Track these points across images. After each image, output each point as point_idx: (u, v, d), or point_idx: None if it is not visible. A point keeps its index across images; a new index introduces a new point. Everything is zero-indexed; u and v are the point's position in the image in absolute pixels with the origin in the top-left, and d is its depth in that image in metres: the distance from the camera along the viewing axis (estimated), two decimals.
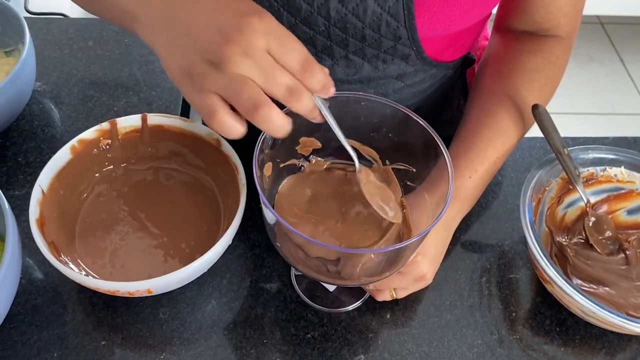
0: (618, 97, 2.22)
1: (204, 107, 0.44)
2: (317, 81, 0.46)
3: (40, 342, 0.59)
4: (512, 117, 0.66)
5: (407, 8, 0.58)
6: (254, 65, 0.43)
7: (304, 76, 0.45)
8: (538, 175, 0.64)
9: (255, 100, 0.43)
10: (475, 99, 0.70)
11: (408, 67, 0.67)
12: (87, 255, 0.62)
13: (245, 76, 0.43)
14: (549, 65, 0.68)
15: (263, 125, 0.44)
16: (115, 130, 0.66)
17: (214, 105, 0.44)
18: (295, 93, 0.45)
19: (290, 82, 0.45)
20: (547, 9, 0.67)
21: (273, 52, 0.44)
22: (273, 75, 0.44)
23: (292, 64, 0.45)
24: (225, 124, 0.44)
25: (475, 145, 0.64)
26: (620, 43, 2.41)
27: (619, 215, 0.69)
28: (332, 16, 0.59)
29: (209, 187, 0.68)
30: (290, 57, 0.45)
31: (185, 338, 0.60)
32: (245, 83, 0.43)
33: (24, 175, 0.72)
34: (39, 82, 0.83)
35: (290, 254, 0.53)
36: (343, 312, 0.63)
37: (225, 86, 0.43)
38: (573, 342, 0.63)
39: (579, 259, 0.65)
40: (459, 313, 0.64)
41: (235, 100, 0.44)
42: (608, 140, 0.81)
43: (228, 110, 0.44)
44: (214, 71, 0.43)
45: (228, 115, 0.44)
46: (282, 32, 0.45)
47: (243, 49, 0.43)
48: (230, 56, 0.43)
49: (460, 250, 0.69)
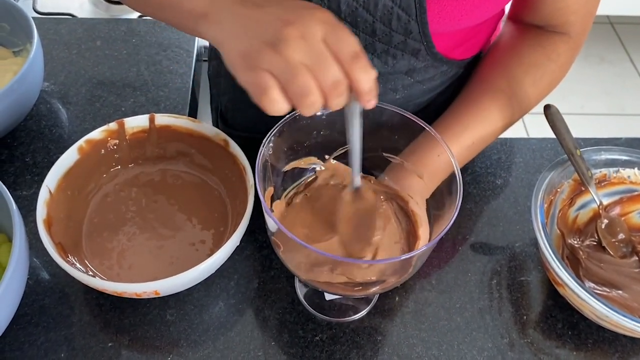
0: (628, 97, 2.20)
1: (257, 85, 0.46)
2: (367, 80, 0.46)
3: (48, 343, 0.59)
4: (497, 107, 0.67)
5: (419, 1, 0.57)
6: (308, 50, 0.45)
7: (352, 67, 0.46)
8: (550, 176, 0.63)
9: (306, 88, 0.44)
10: (469, 85, 0.71)
11: (418, 63, 0.67)
12: (94, 256, 0.62)
13: (300, 62, 0.44)
14: (547, 61, 0.68)
15: (304, 109, 0.46)
16: (122, 131, 0.65)
17: (267, 83, 0.45)
18: (338, 88, 0.46)
19: (338, 76, 0.45)
20: (556, 5, 0.66)
21: (328, 41, 0.45)
22: (325, 64, 0.45)
23: (345, 54, 0.46)
24: (275, 102, 0.46)
25: (451, 129, 0.66)
26: (630, 43, 2.39)
27: (632, 217, 0.68)
28: (342, 10, 0.59)
29: (217, 188, 0.67)
30: (343, 47, 0.46)
31: (193, 340, 0.60)
32: (300, 69, 0.44)
33: (32, 175, 0.72)
34: (46, 82, 0.83)
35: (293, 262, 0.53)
36: (348, 322, 0.62)
37: (280, 68, 0.45)
38: (585, 346, 0.62)
39: (591, 262, 0.64)
40: (469, 316, 0.63)
41: (288, 84, 0.45)
42: (621, 141, 0.80)
43: (279, 91, 0.45)
44: (271, 51, 0.45)
45: (279, 94, 0.45)
46: (340, 24, 0.47)
47: (301, 32, 0.45)
48: (288, 37, 0.44)
49: (471, 252, 0.68)
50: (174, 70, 0.85)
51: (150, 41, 0.89)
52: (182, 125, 0.66)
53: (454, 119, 0.67)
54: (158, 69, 0.85)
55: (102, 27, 0.91)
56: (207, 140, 0.66)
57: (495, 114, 0.67)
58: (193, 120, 0.66)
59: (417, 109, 0.74)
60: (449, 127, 0.66)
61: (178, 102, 0.81)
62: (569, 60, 0.70)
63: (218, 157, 0.66)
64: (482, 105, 0.67)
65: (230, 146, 0.64)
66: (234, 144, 0.64)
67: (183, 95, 0.82)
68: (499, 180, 0.75)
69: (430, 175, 0.60)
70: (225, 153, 0.65)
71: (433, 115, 0.68)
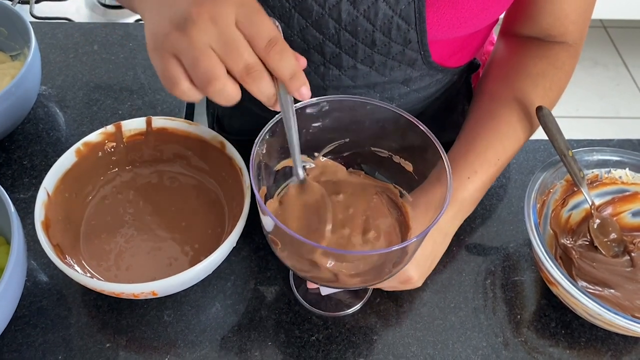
0: (622, 101, 2.21)
1: (167, 76, 0.44)
2: (286, 66, 0.43)
3: (45, 345, 0.59)
4: (515, 120, 0.66)
5: (419, 11, 0.58)
6: (217, 33, 0.42)
7: (268, 55, 0.43)
8: (542, 177, 0.64)
9: (211, 73, 0.42)
10: (478, 102, 0.70)
11: (414, 72, 0.67)
12: (92, 257, 0.62)
13: (205, 45, 0.42)
14: (554, 70, 0.68)
15: (214, 98, 0.43)
16: (120, 133, 0.66)
17: (175, 75, 0.43)
18: (253, 73, 0.43)
19: (251, 60, 0.43)
20: (555, 16, 0.66)
21: (241, 25, 0.43)
22: (235, 48, 0.42)
23: (258, 41, 0.43)
24: (186, 93, 0.44)
25: (474, 148, 0.64)
26: (623, 47, 2.41)
27: (623, 218, 0.69)
28: (343, 18, 0.59)
29: (214, 189, 0.68)
30: (257, 32, 0.43)
31: (190, 340, 0.60)
32: (203, 53, 0.42)
33: (29, 178, 0.73)
34: (44, 85, 0.83)
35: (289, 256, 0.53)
36: (342, 316, 0.63)
37: (184, 50, 0.42)
38: (579, 344, 0.62)
39: (584, 261, 0.65)
40: (463, 315, 0.63)
41: (192, 69, 0.43)
42: (612, 143, 0.81)
43: (188, 80, 0.44)
44: (177, 32, 0.43)
45: (189, 86, 0.44)
46: (256, 6, 0.44)
47: (211, 15, 0.42)
48: (196, 19, 0.42)
49: (465, 252, 0.69)
50: None
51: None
52: (178, 128, 0.67)
53: (476, 136, 0.65)
54: (155, 73, 0.85)
55: (99, 31, 0.92)
56: (203, 142, 0.66)
57: (516, 123, 0.65)
58: (190, 123, 0.67)
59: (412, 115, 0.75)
60: (472, 145, 0.64)
61: (174, 106, 0.82)
62: (572, 67, 0.70)
63: (215, 159, 0.66)
64: (501, 120, 0.65)
65: (226, 148, 0.65)
66: (230, 146, 0.64)
67: (179, 99, 0.82)
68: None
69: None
70: (221, 155, 0.65)
71: (428, 121, 0.68)
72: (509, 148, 0.65)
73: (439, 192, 0.52)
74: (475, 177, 0.62)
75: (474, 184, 0.62)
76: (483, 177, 0.63)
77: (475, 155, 0.63)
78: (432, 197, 0.54)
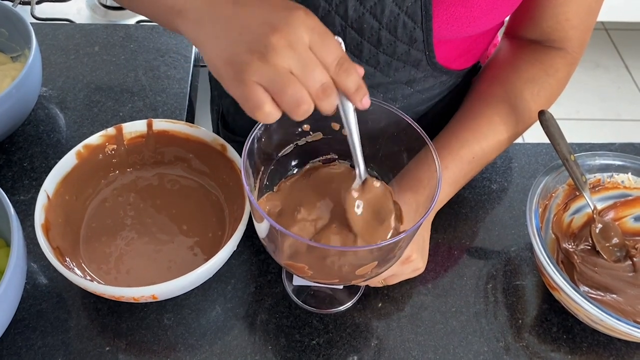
0: (623, 103, 2.21)
1: (249, 100, 0.45)
2: (352, 81, 0.47)
3: (45, 348, 0.59)
4: (497, 121, 0.66)
5: (425, 9, 0.58)
6: (296, 58, 0.44)
7: (338, 74, 0.46)
8: (544, 181, 0.64)
9: (299, 98, 0.44)
10: (466, 100, 0.71)
11: (418, 73, 0.67)
12: (92, 260, 0.62)
13: (289, 71, 0.44)
14: (545, 77, 0.68)
15: (298, 118, 0.46)
16: (120, 136, 0.66)
17: (260, 98, 0.45)
18: (326, 91, 0.46)
19: (325, 79, 0.46)
20: (556, 19, 0.66)
21: (313, 48, 0.45)
22: (313, 70, 0.45)
23: (330, 61, 0.46)
24: (270, 115, 0.46)
25: (449, 144, 0.65)
26: (625, 49, 2.40)
27: (626, 222, 0.69)
28: (349, 15, 0.59)
29: (214, 192, 0.68)
30: (328, 54, 0.46)
31: (190, 344, 0.60)
32: (289, 79, 0.44)
33: (30, 180, 0.72)
34: (45, 87, 0.83)
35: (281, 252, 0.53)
36: (335, 312, 0.62)
37: (270, 79, 0.44)
38: (580, 349, 0.62)
39: (585, 266, 0.65)
40: (464, 320, 0.63)
41: (279, 95, 0.45)
42: (615, 147, 0.81)
43: (272, 103, 0.45)
44: (258, 61, 0.44)
45: (272, 107, 0.45)
46: (324, 29, 0.46)
47: (288, 40, 0.44)
48: (276, 46, 0.44)
49: (466, 256, 0.68)
50: (171, 75, 0.86)
51: (148, 47, 0.90)
52: (179, 131, 0.67)
53: (452, 135, 0.66)
54: (156, 75, 0.86)
55: (100, 32, 0.91)
56: (204, 145, 0.66)
57: (499, 124, 0.66)
58: (190, 126, 0.66)
59: (415, 117, 0.75)
60: (446, 145, 0.65)
61: (175, 108, 0.82)
62: (567, 75, 0.70)
63: (215, 162, 0.66)
64: (483, 118, 0.66)
65: (227, 151, 0.64)
66: (231, 149, 0.64)
67: (180, 100, 0.82)
68: (494, 185, 0.75)
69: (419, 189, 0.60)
70: (222, 158, 0.65)
71: (431, 122, 0.68)
72: (487, 148, 0.66)
73: (428, 188, 0.55)
74: (445, 172, 0.63)
75: (443, 179, 0.62)
76: (455, 173, 0.64)
77: (449, 151, 0.64)
78: (418, 197, 0.56)
